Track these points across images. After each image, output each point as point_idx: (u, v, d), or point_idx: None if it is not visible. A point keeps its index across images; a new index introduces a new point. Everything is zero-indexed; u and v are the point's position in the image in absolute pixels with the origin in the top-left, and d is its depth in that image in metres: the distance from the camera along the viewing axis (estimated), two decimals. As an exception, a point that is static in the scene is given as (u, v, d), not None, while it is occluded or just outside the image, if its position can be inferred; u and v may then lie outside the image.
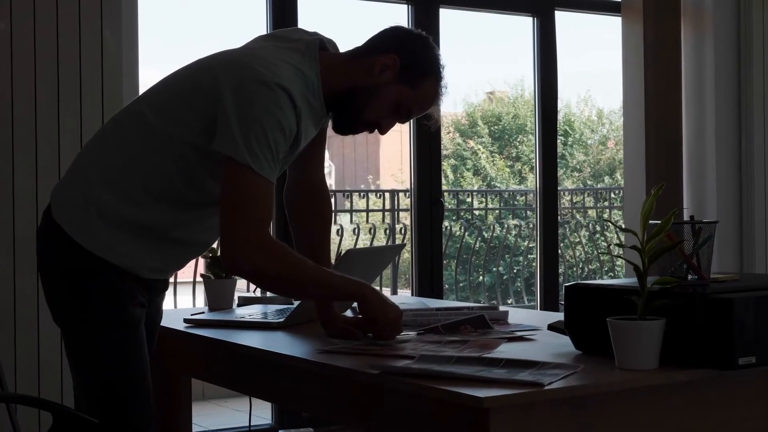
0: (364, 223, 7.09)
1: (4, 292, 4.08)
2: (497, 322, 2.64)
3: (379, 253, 3.09)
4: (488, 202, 10.33)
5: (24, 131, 4.17)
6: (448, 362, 2.03)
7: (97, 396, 2.38)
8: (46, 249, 2.43)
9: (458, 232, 8.34)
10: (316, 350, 2.31)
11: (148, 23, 7.23)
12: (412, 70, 2.41)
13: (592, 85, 15.70)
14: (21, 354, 4.12)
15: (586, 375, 1.92)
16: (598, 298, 2.12)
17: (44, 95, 4.20)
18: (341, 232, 6.65)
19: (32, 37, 4.19)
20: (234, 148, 2.21)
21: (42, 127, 4.19)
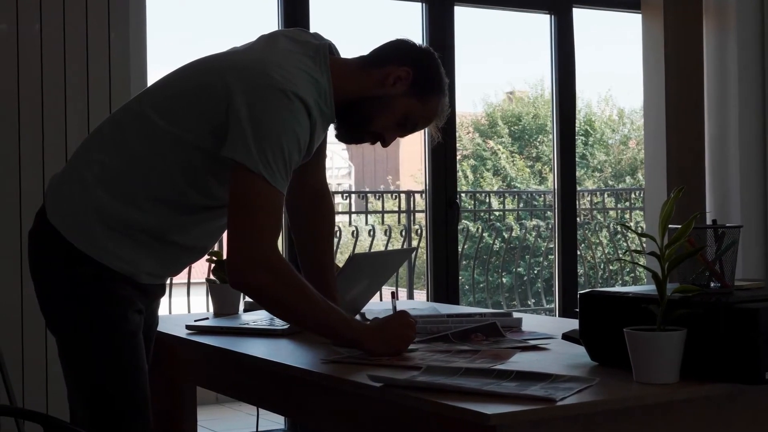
0: (380, 225, 7.01)
1: (11, 297, 4.02)
2: (510, 330, 2.54)
3: (387, 257, 3.00)
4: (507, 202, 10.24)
5: (30, 133, 4.12)
6: (455, 374, 1.93)
7: (94, 408, 2.30)
8: (41, 252, 2.34)
9: (476, 233, 8.24)
10: (320, 360, 2.22)
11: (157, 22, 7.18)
12: (423, 84, 2.39)
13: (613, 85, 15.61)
14: (28, 360, 4.06)
15: (602, 389, 1.82)
16: (614, 306, 2.03)
17: (51, 97, 4.16)
18: (356, 234, 6.57)
19: (39, 38, 4.14)
20: (247, 156, 2.14)
21: (48, 129, 4.14)
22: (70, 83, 4.18)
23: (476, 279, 8.34)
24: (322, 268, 2.63)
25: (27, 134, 4.12)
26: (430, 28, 5.39)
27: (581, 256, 8.39)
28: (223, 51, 2.43)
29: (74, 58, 4.19)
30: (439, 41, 5.29)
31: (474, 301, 8.02)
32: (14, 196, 4.08)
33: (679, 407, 1.83)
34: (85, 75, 4.21)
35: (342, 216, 7.07)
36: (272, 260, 2.17)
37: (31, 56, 4.13)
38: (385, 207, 7.22)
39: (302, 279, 2.22)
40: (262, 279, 2.16)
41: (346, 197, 7.24)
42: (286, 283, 2.18)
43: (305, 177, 2.62)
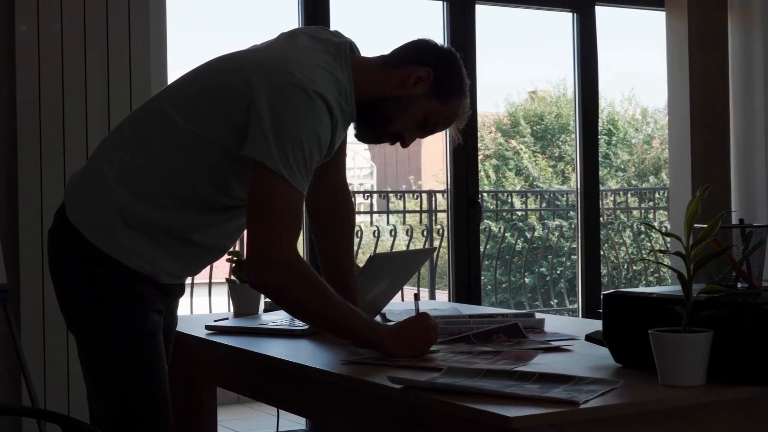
0: (402, 225, 6.98)
1: (33, 297, 4.02)
2: (532, 331, 2.51)
3: (408, 257, 2.96)
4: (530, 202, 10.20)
5: (52, 133, 4.12)
6: (476, 376, 1.90)
7: (114, 408, 2.28)
8: (60, 251, 2.33)
9: (498, 233, 8.21)
10: (339, 361, 2.19)
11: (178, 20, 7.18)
12: (444, 85, 2.36)
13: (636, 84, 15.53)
14: (50, 360, 4.06)
15: (626, 392, 1.79)
16: (638, 307, 1.99)
17: (71, 97, 4.15)
18: (378, 234, 6.54)
19: (59, 38, 4.13)
20: (267, 155, 2.12)
21: (69, 129, 4.14)
22: (90, 83, 4.18)
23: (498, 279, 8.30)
24: (341, 269, 2.61)
25: (48, 134, 4.12)
26: (450, 27, 5.36)
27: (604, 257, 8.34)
28: (244, 49, 2.41)
29: (95, 57, 4.19)
30: (459, 40, 5.26)
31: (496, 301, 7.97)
32: (35, 195, 4.08)
33: (705, 410, 1.80)
34: (106, 74, 4.20)
35: (363, 216, 7.04)
36: (291, 261, 2.14)
37: (51, 56, 4.12)
38: (407, 207, 7.19)
39: (321, 280, 2.20)
40: (281, 279, 2.14)
41: (368, 197, 7.21)
42: (305, 283, 2.15)
43: (326, 177, 2.59)
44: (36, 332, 4.05)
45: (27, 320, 4.05)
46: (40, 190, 4.09)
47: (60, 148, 4.13)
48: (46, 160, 4.11)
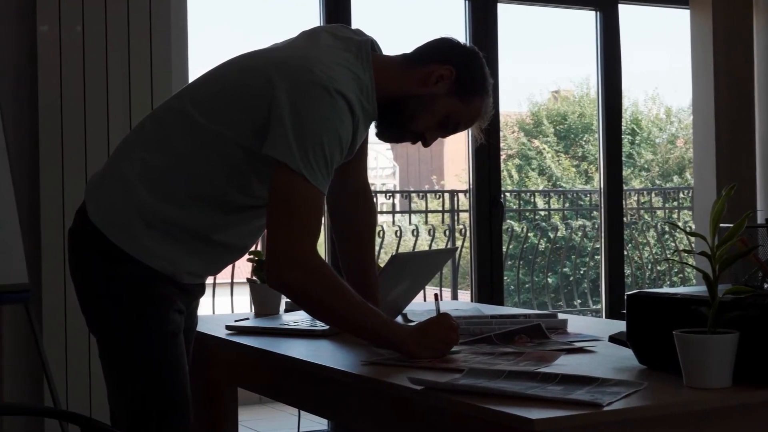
0: (424, 225, 6.96)
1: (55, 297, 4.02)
2: (555, 332, 2.48)
3: (429, 257, 2.95)
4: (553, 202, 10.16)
5: (73, 133, 4.13)
6: (498, 377, 1.88)
7: (134, 408, 2.27)
8: (82, 251, 2.32)
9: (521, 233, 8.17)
10: (360, 362, 2.17)
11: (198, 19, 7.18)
12: (466, 84, 2.34)
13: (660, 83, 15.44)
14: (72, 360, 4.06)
15: (650, 394, 1.76)
16: (663, 308, 1.96)
17: (93, 97, 4.16)
18: (400, 234, 6.53)
19: (81, 39, 4.14)
20: (288, 154, 2.10)
21: (91, 129, 4.15)
22: (112, 83, 4.18)
23: (521, 279, 8.27)
24: (362, 269, 2.59)
25: (70, 134, 4.13)
26: (472, 26, 5.33)
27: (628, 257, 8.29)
28: (265, 47, 2.40)
29: (116, 57, 4.19)
30: (481, 39, 5.24)
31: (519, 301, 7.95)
32: (57, 195, 4.08)
33: (731, 413, 1.77)
34: (127, 74, 4.21)
35: (385, 216, 7.03)
36: (311, 261, 2.13)
37: (73, 57, 4.13)
38: (429, 207, 7.17)
39: (341, 280, 2.18)
40: (301, 280, 2.12)
41: (390, 197, 7.20)
42: (325, 283, 2.13)
43: (347, 176, 2.58)
44: (58, 332, 4.05)
45: (49, 320, 4.05)
46: (62, 190, 4.09)
47: (81, 148, 4.13)
48: (67, 160, 4.11)
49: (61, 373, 4.01)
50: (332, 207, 2.65)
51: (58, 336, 4.05)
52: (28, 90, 4.14)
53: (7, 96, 4.02)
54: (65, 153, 4.11)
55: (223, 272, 3.21)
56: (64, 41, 4.11)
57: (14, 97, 4.12)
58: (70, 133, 4.12)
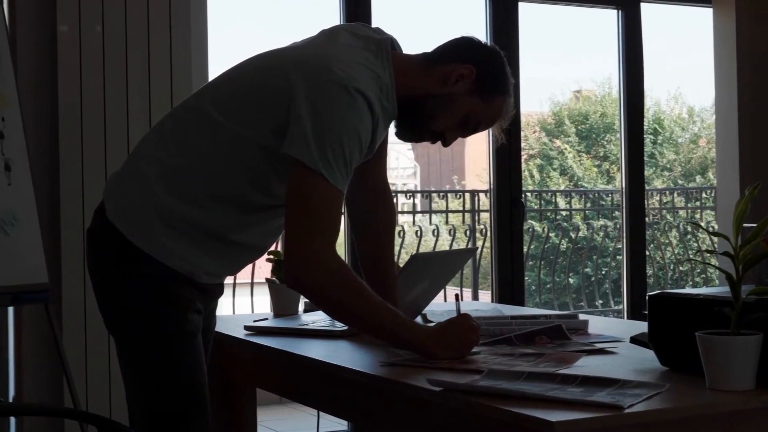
0: (445, 225, 6.94)
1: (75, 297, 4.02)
2: (576, 332, 2.46)
3: (449, 257, 2.92)
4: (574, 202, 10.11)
5: (93, 133, 4.13)
6: (518, 378, 1.86)
7: (152, 409, 2.26)
8: (100, 251, 2.31)
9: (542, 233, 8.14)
10: (378, 363, 2.16)
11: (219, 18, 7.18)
12: (487, 84, 2.32)
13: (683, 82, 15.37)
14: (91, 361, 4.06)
15: (673, 396, 1.74)
16: (685, 309, 1.93)
17: (113, 97, 4.16)
18: (420, 234, 6.51)
19: (101, 39, 4.14)
20: (307, 153, 2.08)
21: (111, 129, 4.14)
22: (131, 83, 4.18)
23: (543, 280, 8.23)
24: (382, 269, 2.57)
25: (90, 134, 4.13)
26: (493, 25, 5.30)
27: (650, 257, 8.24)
28: (284, 46, 2.39)
29: (136, 57, 4.19)
30: (502, 38, 5.21)
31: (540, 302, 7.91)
32: (77, 195, 4.08)
33: (755, 416, 1.74)
34: (147, 74, 4.20)
35: (406, 216, 7.01)
36: (329, 261, 2.11)
37: (93, 57, 4.13)
38: (450, 207, 7.14)
39: (360, 280, 2.16)
40: (319, 279, 2.11)
41: (410, 197, 7.18)
42: (343, 283, 2.12)
43: (366, 175, 2.56)
44: (77, 332, 4.05)
45: (68, 320, 4.05)
46: (82, 189, 4.09)
47: (101, 147, 4.13)
48: (87, 159, 4.11)
49: (80, 372, 4.01)
50: (351, 206, 2.63)
51: (77, 336, 4.05)
52: (48, 90, 4.14)
53: (27, 96, 4.03)
54: (85, 152, 4.11)
55: (244, 272, 3.20)
56: (84, 41, 4.11)
57: (35, 97, 4.12)
58: (89, 133, 4.12)
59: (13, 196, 3.64)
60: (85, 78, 4.12)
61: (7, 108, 3.69)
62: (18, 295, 3.59)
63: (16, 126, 3.71)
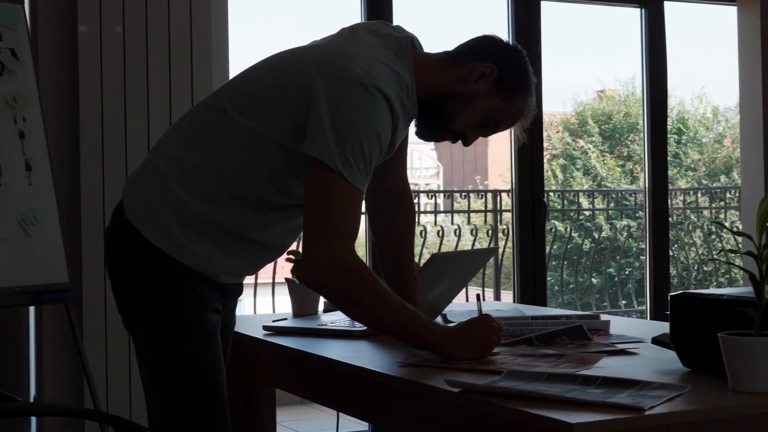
0: (466, 224, 6.91)
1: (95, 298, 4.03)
2: (597, 333, 2.43)
3: (469, 257, 2.90)
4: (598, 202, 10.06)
5: (114, 133, 4.13)
6: (538, 379, 1.84)
7: (171, 409, 2.26)
8: (119, 250, 2.31)
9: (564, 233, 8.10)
10: (397, 364, 2.14)
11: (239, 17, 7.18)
12: (508, 83, 2.29)
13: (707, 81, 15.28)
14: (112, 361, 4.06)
15: (694, 398, 1.71)
16: (707, 309, 1.91)
17: (133, 97, 4.16)
18: (442, 234, 6.49)
19: (122, 39, 4.14)
20: (326, 152, 2.06)
21: (131, 130, 4.14)
22: (152, 83, 4.18)
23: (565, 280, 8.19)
24: (401, 269, 2.55)
25: (110, 134, 4.13)
26: (515, 24, 5.27)
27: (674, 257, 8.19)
28: (303, 45, 2.37)
29: (156, 58, 4.19)
30: (524, 37, 5.18)
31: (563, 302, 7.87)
32: (98, 195, 4.08)
33: (778, 418, 1.71)
34: (167, 74, 4.20)
35: (428, 216, 6.99)
36: (348, 260, 2.09)
37: (114, 57, 4.13)
38: (472, 206, 7.12)
39: (379, 280, 2.15)
40: (337, 280, 2.09)
41: (432, 197, 7.16)
42: (362, 284, 2.10)
43: (386, 175, 2.55)
44: (98, 332, 4.05)
45: (89, 320, 4.05)
46: (102, 189, 4.09)
47: (122, 147, 4.13)
48: (108, 159, 4.11)
49: (101, 372, 4.01)
50: (371, 206, 2.62)
51: (98, 335, 4.05)
52: (69, 90, 4.14)
53: (48, 96, 4.03)
54: (105, 152, 4.11)
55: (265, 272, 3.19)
56: (105, 41, 4.11)
57: (55, 98, 4.12)
58: (110, 133, 4.12)
59: (33, 195, 3.65)
60: (106, 78, 4.12)
61: (28, 108, 3.69)
62: (38, 295, 3.59)
63: (37, 126, 3.71)
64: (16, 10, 3.75)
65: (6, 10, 3.71)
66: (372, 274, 2.13)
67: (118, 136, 4.13)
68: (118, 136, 4.13)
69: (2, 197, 3.55)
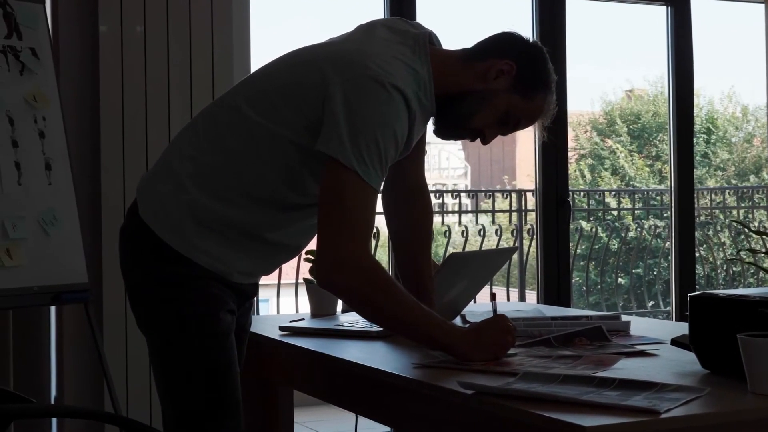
0: (491, 224, 6.87)
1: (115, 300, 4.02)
2: (617, 334, 2.39)
3: (487, 257, 2.86)
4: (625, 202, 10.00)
5: (135, 135, 4.13)
6: (553, 381, 1.80)
7: (184, 409, 2.23)
8: (132, 250, 2.29)
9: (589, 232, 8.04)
10: (411, 365, 2.10)
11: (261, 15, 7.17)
12: (528, 80, 2.25)
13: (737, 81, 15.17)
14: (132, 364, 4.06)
15: (712, 400, 1.67)
16: (727, 310, 1.87)
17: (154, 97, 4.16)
18: (466, 233, 6.45)
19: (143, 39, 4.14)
20: (341, 150, 2.03)
21: (152, 130, 4.14)
22: (173, 83, 4.17)
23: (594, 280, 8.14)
24: (417, 269, 2.52)
25: (131, 134, 4.13)
26: (540, 22, 5.23)
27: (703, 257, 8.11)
28: (320, 42, 2.34)
29: (177, 57, 4.18)
30: (549, 36, 5.13)
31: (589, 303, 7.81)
32: (118, 195, 4.08)
33: (799, 421, 1.67)
34: (188, 74, 4.19)
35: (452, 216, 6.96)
36: (362, 260, 2.06)
37: (134, 57, 4.13)
38: (499, 206, 7.08)
39: (393, 280, 2.11)
40: (351, 279, 2.06)
41: (456, 197, 7.12)
42: (375, 283, 2.07)
43: (403, 175, 2.52)
44: (118, 333, 4.05)
45: (109, 321, 4.05)
46: (123, 189, 4.09)
47: (143, 148, 4.13)
48: (129, 159, 4.11)
49: (121, 373, 4.01)
50: (387, 206, 2.59)
51: (118, 336, 4.05)
52: (90, 90, 4.15)
53: (69, 96, 4.03)
54: (126, 152, 4.11)
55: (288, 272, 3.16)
56: (126, 41, 4.11)
57: (76, 97, 4.13)
58: (131, 133, 4.12)
59: (53, 195, 3.65)
60: (127, 78, 4.12)
61: (48, 108, 3.69)
62: (58, 295, 3.59)
63: (57, 126, 3.71)
64: (36, 10, 3.75)
65: (26, 10, 3.71)
66: (386, 273, 2.09)
67: (138, 136, 4.13)
68: (138, 136, 4.13)
69: (22, 197, 3.55)
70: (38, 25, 3.73)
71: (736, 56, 15.48)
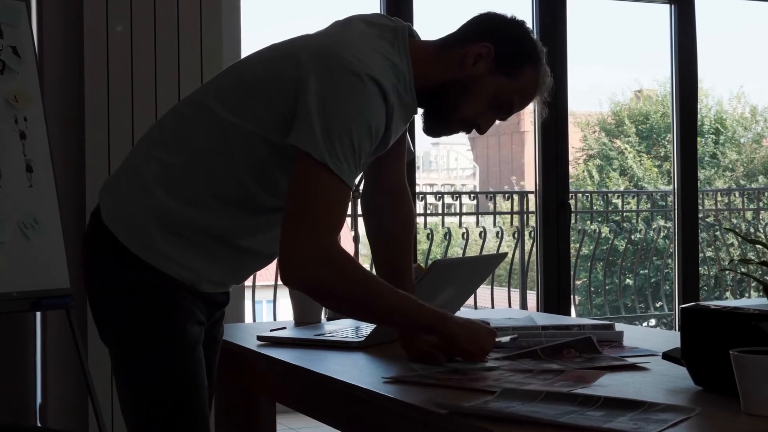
0: (493, 226, 6.76)
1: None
2: (610, 345, 2.28)
3: (475, 263, 2.74)
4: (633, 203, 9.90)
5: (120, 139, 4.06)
6: (534, 399, 1.69)
7: (149, 424, 2.11)
8: (94, 257, 2.16)
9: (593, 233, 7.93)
10: (382, 380, 1.99)
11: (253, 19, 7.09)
12: (509, 58, 2.12)
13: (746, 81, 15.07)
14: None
15: (703, 422, 1.56)
16: (720, 323, 1.75)
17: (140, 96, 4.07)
18: (466, 236, 6.35)
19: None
20: (312, 143, 1.91)
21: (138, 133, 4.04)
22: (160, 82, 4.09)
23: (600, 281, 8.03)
24: (397, 274, 2.39)
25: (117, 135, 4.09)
26: (540, 22, 5.11)
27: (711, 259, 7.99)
28: (294, 36, 2.23)
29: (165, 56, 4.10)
30: (550, 35, 5.01)
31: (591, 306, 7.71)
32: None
33: (795, 445, 1.55)
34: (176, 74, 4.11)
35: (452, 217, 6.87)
36: (330, 252, 1.93)
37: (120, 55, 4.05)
38: (501, 208, 6.97)
39: (365, 270, 1.99)
40: (318, 272, 1.92)
41: (456, 198, 7.02)
42: (346, 274, 1.94)
43: (382, 177, 2.40)
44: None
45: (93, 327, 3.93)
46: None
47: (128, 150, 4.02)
48: (114, 162, 4.03)
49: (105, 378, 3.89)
50: (366, 209, 2.47)
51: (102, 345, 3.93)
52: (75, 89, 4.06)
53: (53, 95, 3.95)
54: (111, 155, 4.02)
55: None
56: (111, 39, 4.02)
57: (60, 97, 4.04)
58: (116, 134, 4.04)
59: (34, 198, 3.55)
60: (112, 78, 4.02)
61: (29, 108, 3.59)
62: (38, 301, 3.49)
63: (39, 126, 3.61)
64: (18, 7, 3.65)
65: (7, 7, 3.61)
66: (357, 263, 1.97)
67: (124, 138, 4.03)
68: (124, 138, 4.03)
69: (1, 200, 3.45)
70: (20, 23, 3.63)
71: (746, 56, 15.36)
